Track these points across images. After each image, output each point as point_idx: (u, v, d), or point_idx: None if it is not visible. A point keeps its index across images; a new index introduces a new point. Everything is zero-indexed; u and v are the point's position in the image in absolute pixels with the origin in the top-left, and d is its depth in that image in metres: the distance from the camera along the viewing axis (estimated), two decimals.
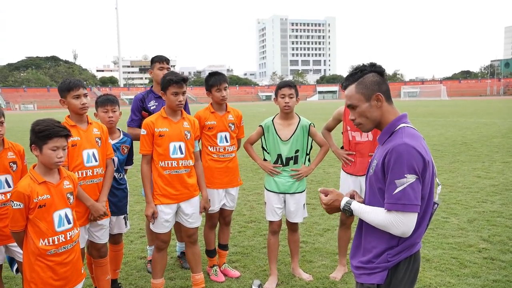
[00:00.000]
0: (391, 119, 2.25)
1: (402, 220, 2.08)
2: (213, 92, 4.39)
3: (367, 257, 2.26)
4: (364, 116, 2.26)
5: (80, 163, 3.52)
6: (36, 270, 2.83)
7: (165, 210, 3.84)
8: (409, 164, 2.06)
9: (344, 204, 2.30)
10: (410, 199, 2.06)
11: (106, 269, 3.93)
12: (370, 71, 2.26)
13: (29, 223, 2.81)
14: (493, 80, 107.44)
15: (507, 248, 5.05)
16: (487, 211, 6.53)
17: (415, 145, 2.09)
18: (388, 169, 2.13)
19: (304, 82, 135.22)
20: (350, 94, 2.28)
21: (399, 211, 2.08)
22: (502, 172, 9.42)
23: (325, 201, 2.35)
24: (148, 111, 4.60)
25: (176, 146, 3.83)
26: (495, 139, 14.97)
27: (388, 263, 2.19)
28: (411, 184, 2.06)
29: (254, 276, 4.56)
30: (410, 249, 2.20)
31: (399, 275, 2.20)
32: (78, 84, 3.52)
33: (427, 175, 2.13)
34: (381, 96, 2.22)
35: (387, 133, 2.25)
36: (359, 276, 2.31)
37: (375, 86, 2.23)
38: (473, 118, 25.95)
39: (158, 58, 4.72)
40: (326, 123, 4.75)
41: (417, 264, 2.28)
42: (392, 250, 2.18)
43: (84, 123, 3.64)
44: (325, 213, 6.77)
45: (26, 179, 2.83)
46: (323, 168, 10.70)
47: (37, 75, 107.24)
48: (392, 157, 2.11)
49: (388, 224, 2.11)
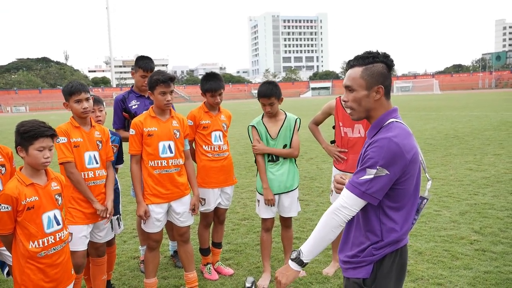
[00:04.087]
0: (382, 113, 2.21)
1: (352, 202, 2.09)
2: (207, 96, 4.38)
3: (353, 252, 2.24)
4: (358, 103, 2.20)
5: (82, 164, 3.55)
6: (27, 272, 2.81)
7: (156, 210, 3.83)
8: (385, 158, 2.03)
9: (294, 258, 2.25)
10: (371, 190, 2.06)
11: (103, 269, 3.92)
12: (381, 61, 2.17)
13: (18, 226, 2.79)
14: (484, 74, 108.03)
15: (498, 240, 5.09)
16: (478, 203, 6.58)
17: (398, 141, 2.05)
18: (364, 157, 2.13)
19: (297, 78, 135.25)
20: (354, 76, 2.19)
21: (355, 195, 2.09)
22: (493, 165, 9.48)
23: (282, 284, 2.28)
24: (129, 112, 4.57)
25: (165, 145, 3.82)
26: (487, 132, 15.07)
27: (373, 256, 2.17)
28: (380, 177, 2.04)
29: (248, 273, 4.57)
30: (396, 244, 2.18)
31: (385, 269, 2.18)
32: (80, 89, 3.54)
33: (411, 171, 2.10)
34: (382, 90, 2.17)
35: (376, 127, 2.21)
36: (346, 270, 2.30)
37: (380, 77, 2.16)
38: (465, 111, 26.10)
39: (143, 65, 4.56)
40: (314, 117, 4.68)
41: (404, 259, 2.26)
42: (377, 244, 2.16)
43: (87, 125, 3.68)
44: (318, 209, 6.79)
45: (13, 182, 2.81)
46: (316, 164, 10.73)
47: (28, 77, 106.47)
48: (371, 148, 2.09)
49: (336, 208, 2.12)
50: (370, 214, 2.18)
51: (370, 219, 2.19)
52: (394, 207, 2.15)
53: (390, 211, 2.15)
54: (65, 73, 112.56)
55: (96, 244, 3.81)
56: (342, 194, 2.16)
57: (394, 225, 2.15)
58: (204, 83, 4.38)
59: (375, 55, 2.18)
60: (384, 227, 2.16)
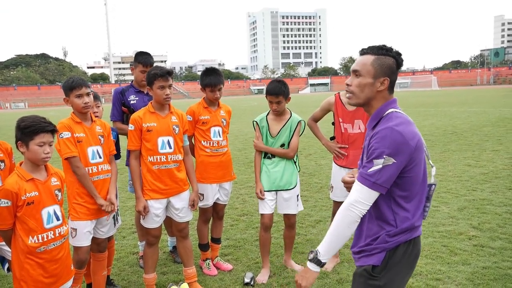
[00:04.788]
0: (381, 104, 2.25)
1: (365, 195, 2.12)
2: (207, 91, 4.38)
3: (367, 241, 2.26)
4: (361, 88, 2.24)
5: (85, 159, 3.54)
6: (26, 268, 2.82)
7: (155, 205, 3.84)
8: (390, 147, 2.06)
9: (312, 258, 2.21)
10: (381, 180, 2.08)
11: (103, 264, 3.92)
12: (393, 56, 2.23)
13: (18, 221, 2.79)
14: (483, 70, 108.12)
15: (496, 235, 5.10)
16: (477, 199, 6.60)
17: (400, 130, 2.08)
18: (369, 150, 2.14)
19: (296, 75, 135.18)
20: (364, 62, 2.24)
21: (367, 186, 2.11)
22: (492, 161, 9.50)
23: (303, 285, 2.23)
24: (128, 106, 4.58)
25: (164, 140, 3.81)
26: (485, 128, 15.09)
27: (387, 243, 2.18)
28: (388, 166, 2.06)
29: (247, 268, 4.58)
30: (410, 233, 2.20)
31: (397, 258, 2.19)
32: (81, 83, 3.54)
33: (417, 159, 2.13)
34: (387, 82, 2.21)
35: (376, 118, 2.24)
36: (358, 259, 2.30)
37: (388, 70, 2.21)
38: (464, 107, 26.12)
39: (143, 60, 4.58)
40: (312, 114, 4.68)
41: (417, 250, 2.27)
42: (391, 231, 2.18)
43: (88, 120, 3.67)
44: (317, 205, 6.80)
45: (13, 177, 2.81)
46: (315, 160, 10.74)
47: (27, 73, 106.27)
48: (374, 139, 2.12)
49: (350, 203, 2.14)
50: (382, 206, 2.20)
51: (382, 210, 2.20)
52: (404, 196, 2.17)
53: (401, 200, 2.17)
54: (64, 69, 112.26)
55: (98, 240, 3.81)
56: (353, 189, 2.17)
57: (407, 213, 2.18)
58: (204, 78, 4.38)
59: (389, 49, 2.24)
60: (398, 216, 2.18)
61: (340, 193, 4.40)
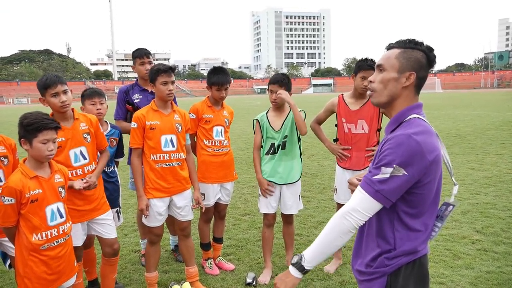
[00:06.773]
0: (406, 106, 1.99)
1: (365, 204, 1.89)
2: (213, 89, 4.37)
3: (366, 260, 2.04)
4: (384, 84, 1.99)
5: (68, 164, 3.34)
6: (30, 265, 2.81)
7: (157, 204, 3.82)
8: (403, 156, 1.81)
9: (295, 263, 2.00)
10: (385, 190, 1.85)
11: (115, 268, 3.88)
12: (423, 50, 1.98)
13: (21, 218, 2.78)
14: (487, 73, 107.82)
15: (500, 240, 5.07)
16: (480, 203, 6.56)
17: (419, 139, 1.82)
18: (380, 155, 1.90)
19: (299, 75, 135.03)
20: (389, 55, 2.01)
21: (368, 194, 1.88)
22: (495, 164, 9.46)
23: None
24: (132, 104, 4.58)
25: (167, 139, 3.80)
26: (489, 131, 15.04)
27: (386, 268, 1.95)
28: (396, 177, 1.82)
29: (249, 268, 4.56)
30: (412, 254, 1.94)
31: (401, 283, 1.95)
32: (56, 81, 3.24)
33: (432, 175, 1.88)
34: (413, 77, 1.95)
35: (396, 122, 1.99)
36: (360, 282, 2.10)
37: (416, 64, 1.95)
38: (467, 110, 26.06)
39: (138, 53, 4.64)
40: (316, 116, 4.62)
41: (424, 270, 2.00)
42: (389, 254, 1.95)
43: (70, 120, 3.40)
44: (319, 206, 6.78)
45: (17, 174, 2.80)
46: (317, 161, 10.71)
47: (30, 69, 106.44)
48: (388, 145, 1.87)
49: (347, 211, 1.90)
50: (383, 219, 1.97)
51: (383, 224, 1.98)
52: (411, 214, 1.92)
53: (406, 217, 1.93)
54: (67, 66, 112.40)
55: (109, 241, 3.66)
56: (354, 194, 1.95)
57: (410, 233, 1.93)
58: (211, 76, 4.36)
59: (419, 43, 2.01)
60: (398, 234, 1.94)
61: (344, 195, 4.39)
